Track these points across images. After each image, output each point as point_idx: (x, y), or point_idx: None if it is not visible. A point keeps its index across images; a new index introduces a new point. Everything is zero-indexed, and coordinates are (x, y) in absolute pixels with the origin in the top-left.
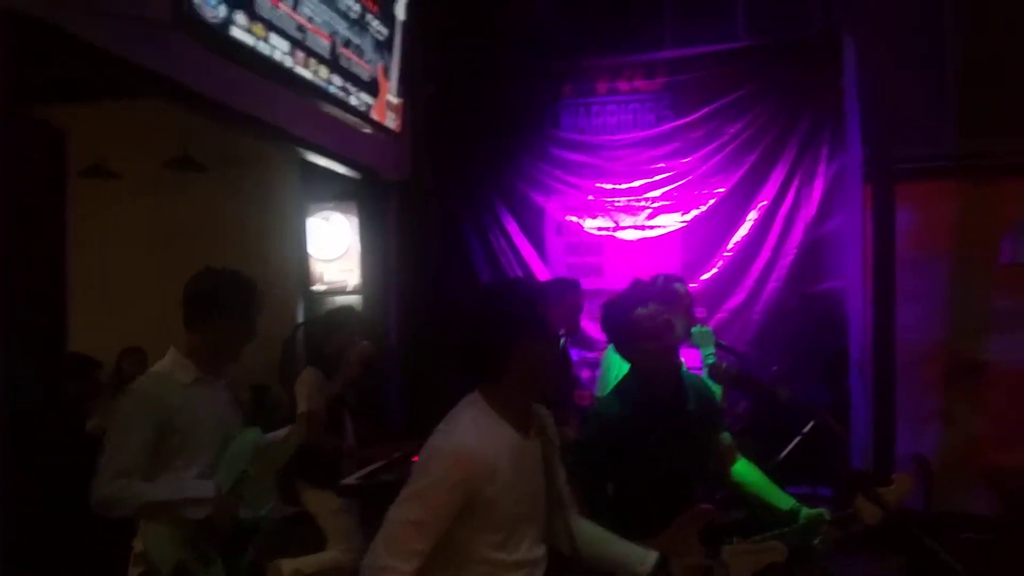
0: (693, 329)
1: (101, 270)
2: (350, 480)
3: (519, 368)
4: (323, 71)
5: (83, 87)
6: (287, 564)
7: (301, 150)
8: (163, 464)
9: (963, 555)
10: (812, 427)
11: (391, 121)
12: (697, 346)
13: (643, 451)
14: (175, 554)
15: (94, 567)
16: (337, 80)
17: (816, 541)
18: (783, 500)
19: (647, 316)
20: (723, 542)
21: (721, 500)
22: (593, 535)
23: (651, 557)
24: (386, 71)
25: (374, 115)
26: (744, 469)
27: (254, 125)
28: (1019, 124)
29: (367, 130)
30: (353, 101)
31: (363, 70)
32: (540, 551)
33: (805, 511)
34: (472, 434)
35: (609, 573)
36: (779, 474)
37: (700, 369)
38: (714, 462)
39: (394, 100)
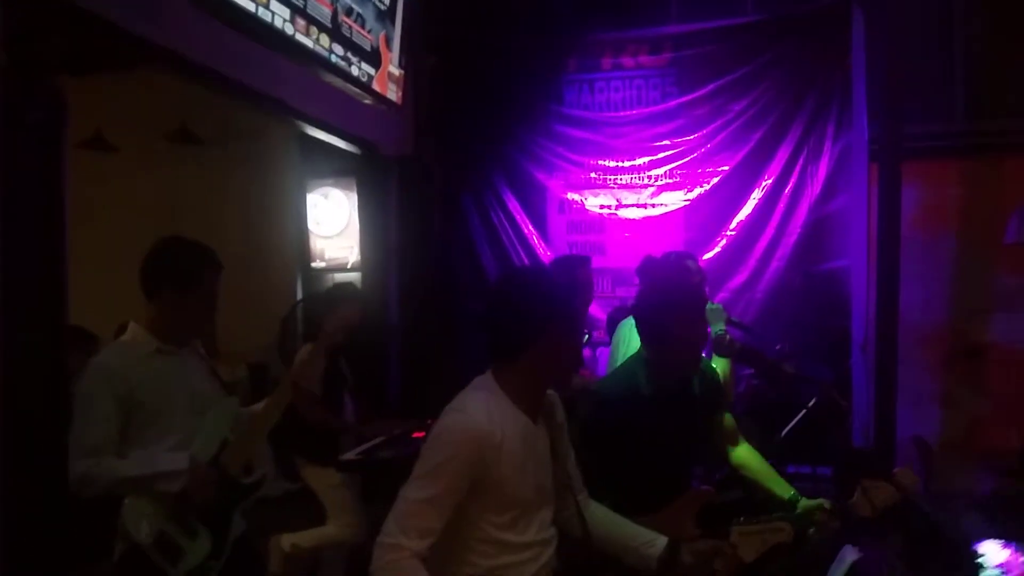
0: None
1: (98, 244)
2: (349, 456)
3: (540, 354)
4: (324, 39)
5: (80, 59)
6: (287, 538)
7: (301, 124)
8: (135, 438)
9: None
10: (814, 404)
11: (392, 93)
12: (708, 323)
13: (642, 435)
14: (156, 526)
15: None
16: (338, 49)
17: (812, 530)
18: (783, 488)
19: (689, 298)
20: (726, 522)
21: (719, 481)
22: (602, 517)
23: (660, 540)
24: (388, 41)
25: (376, 86)
26: (746, 454)
27: (254, 97)
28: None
29: (368, 101)
30: (355, 71)
31: (365, 40)
32: (549, 533)
33: (804, 501)
34: (483, 414)
35: (617, 555)
36: (781, 453)
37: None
38: (715, 444)
39: (396, 72)
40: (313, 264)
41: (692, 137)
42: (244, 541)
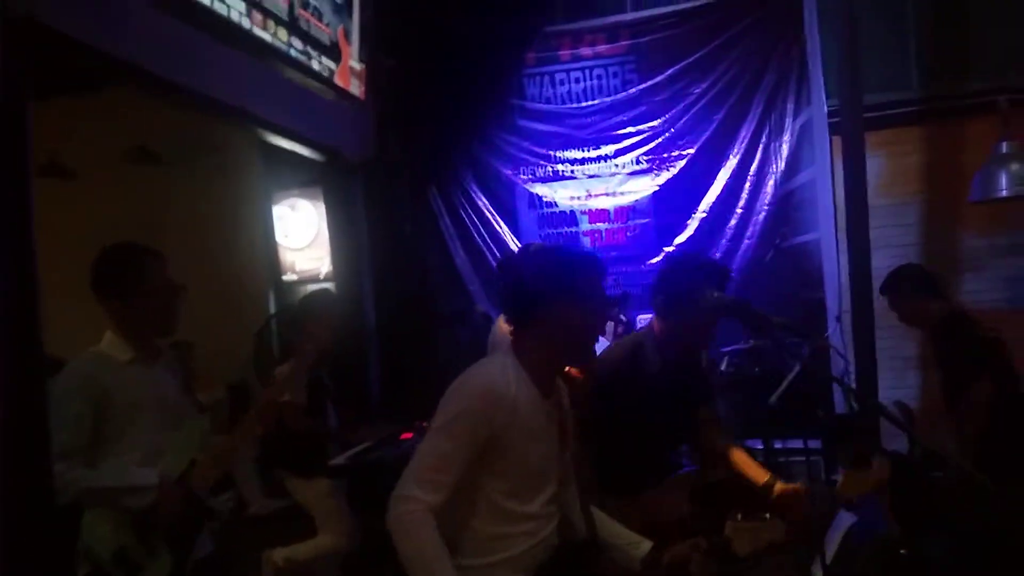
0: None
1: (62, 271)
2: (339, 460)
3: (553, 325)
4: (282, 33)
5: (36, 82)
6: (279, 552)
7: (263, 132)
8: (105, 448)
9: (942, 493)
10: (799, 371)
11: (355, 88)
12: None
13: (637, 398)
14: (116, 541)
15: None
16: (297, 43)
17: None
18: (759, 474)
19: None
20: (713, 502)
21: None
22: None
23: (644, 544)
24: (347, 35)
25: (338, 81)
26: (727, 445)
27: (214, 106)
28: (981, 66)
29: (331, 97)
30: (315, 66)
31: (323, 33)
32: (552, 508)
33: (779, 485)
34: (497, 376)
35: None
36: (771, 422)
37: None
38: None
39: (357, 66)
40: (284, 277)
41: (655, 123)
42: (209, 562)
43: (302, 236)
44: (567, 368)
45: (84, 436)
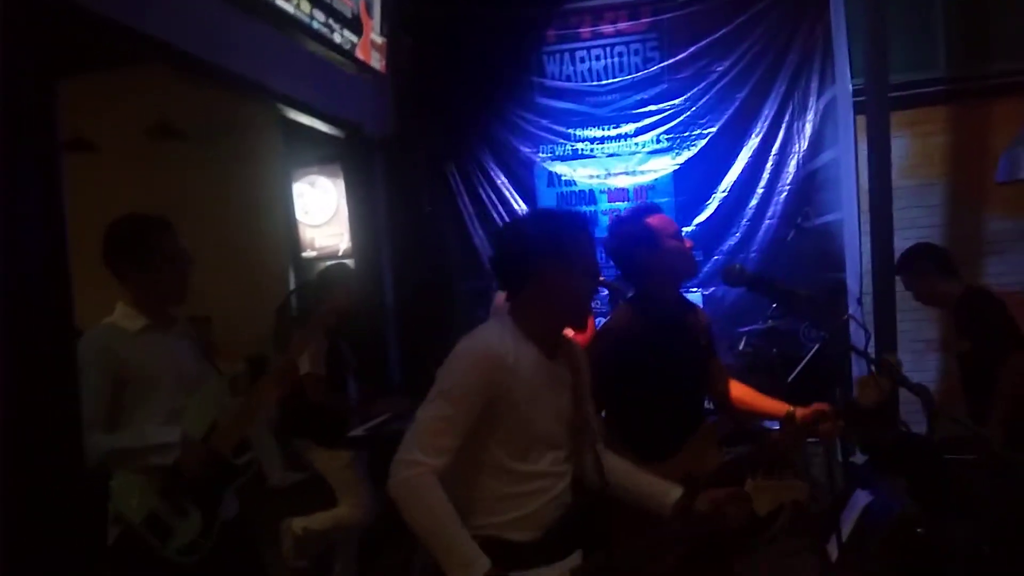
0: None
1: (86, 247)
2: (358, 431)
3: (544, 288)
4: (304, 5)
5: (62, 59)
6: (298, 522)
7: (283, 107)
8: (125, 416)
9: (962, 478)
10: (818, 349)
11: (376, 62)
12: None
13: (652, 365)
14: (146, 504)
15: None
16: (319, 15)
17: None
18: (777, 407)
19: (665, 220)
20: (736, 478)
21: (726, 437)
22: (619, 467)
23: (675, 490)
24: (368, 8)
25: (359, 54)
26: (735, 387)
27: (233, 81)
28: (1008, 46)
29: (352, 71)
30: (337, 38)
31: (345, 6)
32: (562, 468)
33: (800, 410)
34: (495, 338)
35: (634, 503)
36: (788, 402)
37: None
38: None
39: (378, 40)
40: (304, 253)
41: (677, 101)
42: (236, 523)
43: (322, 213)
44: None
45: (103, 405)
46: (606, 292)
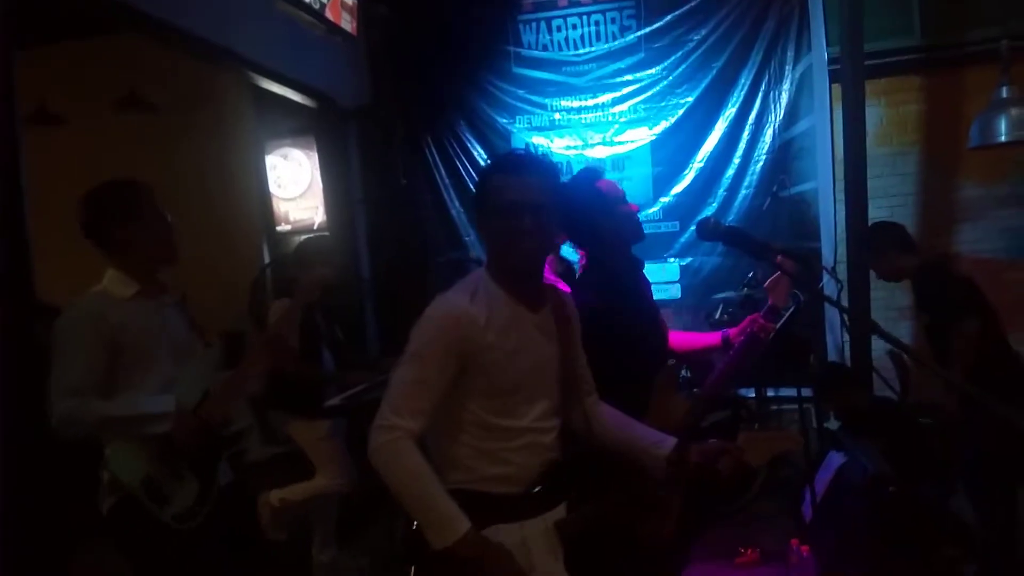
0: None
1: (51, 220)
2: (334, 401)
3: (487, 241)
4: None
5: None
6: (276, 494)
7: (253, 75)
8: (119, 383)
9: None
10: (791, 316)
11: (347, 23)
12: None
13: (617, 334)
14: (143, 470)
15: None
16: None
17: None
18: (712, 339)
19: (613, 185)
20: (736, 432)
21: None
22: (613, 420)
23: (668, 441)
24: None
25: (329, 14)
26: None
27: (200, 46)
28: (983, 14)
29: (321, 32)
30: None
31: None
32: (549, 423)
33: (732, 331)
34: (466, 298)
35: (627, 455)
36: (764, 369)
37: None
38: None
39: (349, 0)
40: (278, 227)
41: (654, 71)
42: (232, 490)
43: (295, 186)
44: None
45: (97, 373)
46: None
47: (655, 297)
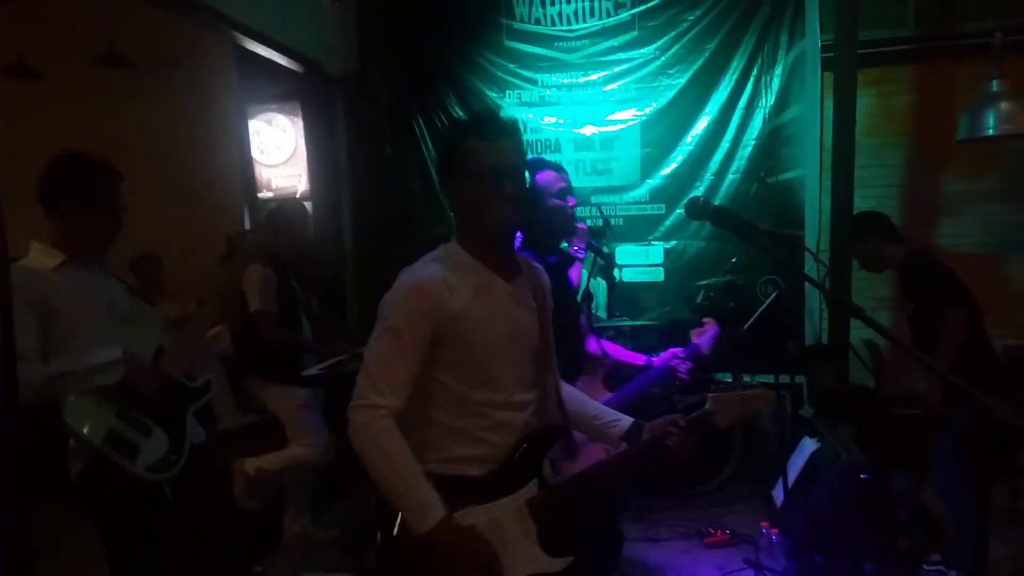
0: None
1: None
2: (312, 370)
3: (457, 208)
4: None
5: None
6: (251, 462)
7: (239, 36)
8: (58, 350)
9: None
10: (772, 303)
11: None
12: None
13: (566, 302)
14: (103, 424)
15: None
16: None
17: None
18: (636, 357)
19: (552, 178)
20: (708, 389)
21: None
22: (571, 396)
23: (624, 420)
24: None
25: None
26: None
27: (186, 5)
28: (976, 6)
29: None
30: None
31: None
32: (526, 396)
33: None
34: (436, 268)
35: (585, 432)
36: (742, 355)
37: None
38: None
39: None
40: (260, 194)
41: (646, 50)
42: (204, 449)
43: (278, 152)
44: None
45: (31, 339)
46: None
47: (639, 279)
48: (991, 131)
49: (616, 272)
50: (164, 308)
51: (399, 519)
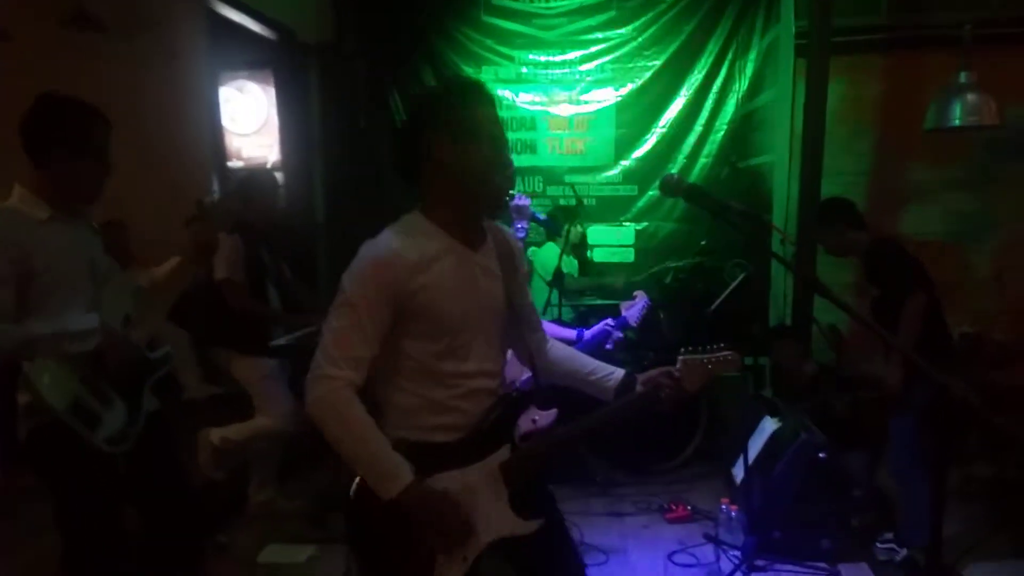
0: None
1: None
2: (280, 341)
3: (440, 173)
4: None
5: None
6: (216, 432)
7: (210, 0)
8: (36, 308)
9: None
10: (739, 285)
11: None
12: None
13: None
14: (69, 391)
15: None
16: None
17: None
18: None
19: None
20: (677, 352)
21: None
22: (563, 354)
23: (617, 373)
24: None
25: None
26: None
27: None
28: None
29: None
30: None
31: None
32: (496, 364)
33: None
34: (397, 240)
35: (578, 388)
36: (709, 337)
37: None
38: None
39: None
40: (230, 163)
41: (624, 30)
42: (157, 419)
43: (250, 121)
44: None
45: (9, 296)
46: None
47: (610, 259)
48: (958, 122)
49: (588, 252)
50: (133, 275)
51: (356, 483)
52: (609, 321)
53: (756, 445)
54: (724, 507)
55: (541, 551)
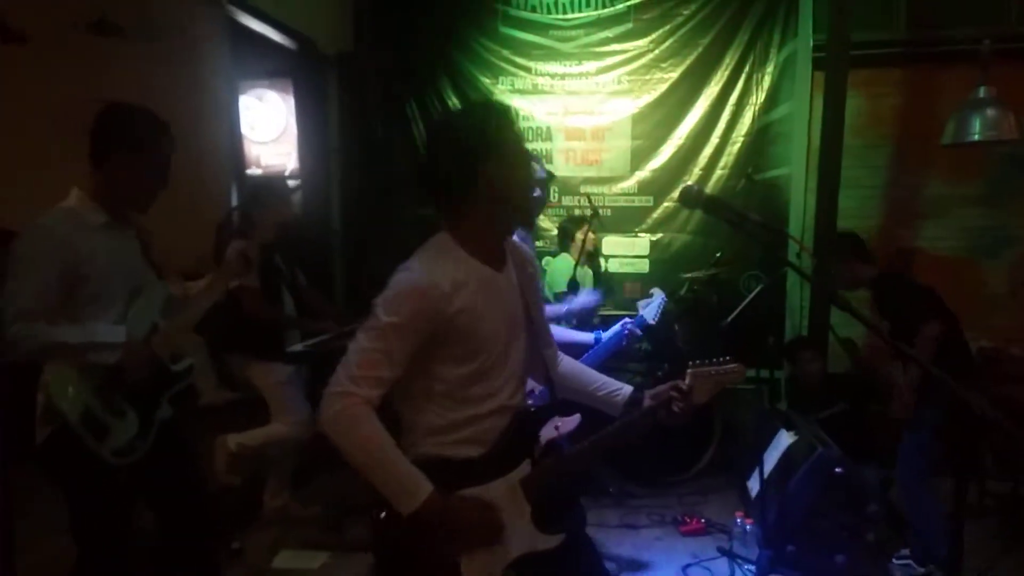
0: None
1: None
2: (297, 347)
3: (486, 196)
4: None
5: None
6: (232, 438)
7: (232, 9)
8: (74, 314)
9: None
10: (755, 298)
11: None
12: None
13: None
14: (81, 400)
15: None
16: None
17: None
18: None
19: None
20: (687, 365)
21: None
22: (572, 370)
23: (625, 388)
24: None
25: None
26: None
27: None
28: (967, 13)
29: None
30: None
31: None
32: (520, 382)
33: None
34: (430, 269)
35: (588, 403)
36: (723, 349)
37: None
38: None
39: None
40: (248, 171)
41: (641, 42)
42: (170, 427)
43: (269, 129)
44: None
45: (52, 298)
46: None
47: (624, 270)
48: (976, 136)
49: (602, 262)
50: (168, 284)
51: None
52: (627, 321)
53: (771, 459)
54: (739, 520)
55: (567, 567)
